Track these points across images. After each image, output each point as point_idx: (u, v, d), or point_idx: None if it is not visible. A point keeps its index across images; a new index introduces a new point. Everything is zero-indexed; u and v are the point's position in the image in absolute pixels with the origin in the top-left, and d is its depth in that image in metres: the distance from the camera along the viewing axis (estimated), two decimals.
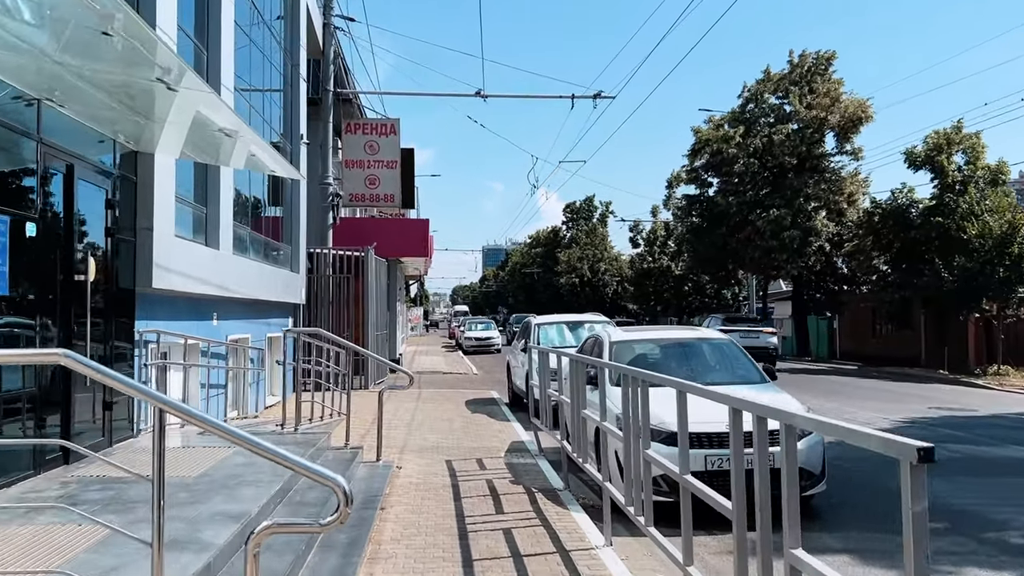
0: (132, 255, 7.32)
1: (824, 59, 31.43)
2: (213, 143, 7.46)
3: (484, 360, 30.04)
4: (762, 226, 28.28)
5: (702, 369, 7.61)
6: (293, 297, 14.67)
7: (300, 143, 15.06)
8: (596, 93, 18.06)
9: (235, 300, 10.82)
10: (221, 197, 9.73)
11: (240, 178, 11.03)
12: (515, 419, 12.24)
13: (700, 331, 8.58)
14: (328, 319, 16.77)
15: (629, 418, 5.05)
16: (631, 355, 7.76)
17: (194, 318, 9.32)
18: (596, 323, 13.67)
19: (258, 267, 11.94)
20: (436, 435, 10.43)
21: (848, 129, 29.12)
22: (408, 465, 8.27)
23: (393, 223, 23.84)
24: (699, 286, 48.68)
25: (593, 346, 8.60)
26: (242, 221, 11.39)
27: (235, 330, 11.04)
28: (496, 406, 13.96)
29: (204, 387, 9.47)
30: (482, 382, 19.91)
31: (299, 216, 15.02)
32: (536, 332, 13.34)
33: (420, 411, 13.02)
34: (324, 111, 17.80)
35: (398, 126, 21.43)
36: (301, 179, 11.09)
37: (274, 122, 13.76)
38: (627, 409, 5.15)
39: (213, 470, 6.00)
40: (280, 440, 7.40)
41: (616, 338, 8.04)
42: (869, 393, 17.83)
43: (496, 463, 8.45)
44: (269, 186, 13.00)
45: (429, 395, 15.68)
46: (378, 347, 18.35)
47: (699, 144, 31.41)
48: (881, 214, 24.22)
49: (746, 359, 7.77)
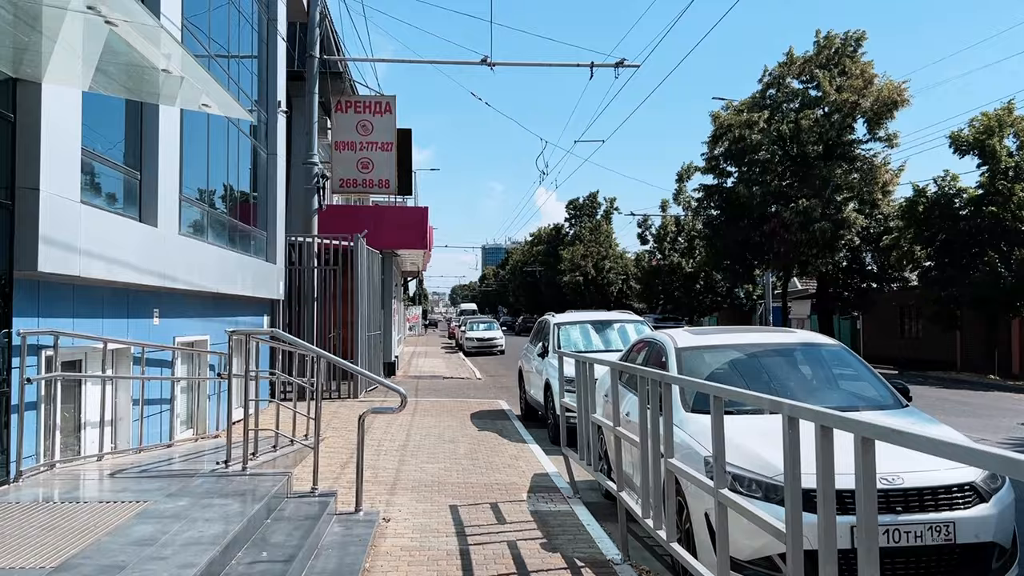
0: (7, 227, 5.17)
1: (853, 39, 29.19)
2: (136, 74, 5.30)
3: (487, 363, 27.89)
4: (789, 218, 26.02)
5: (811, 388, 5.46)
6: (269, 292, 12.52)
7: (277, 112, 12.90)
8: (618, 61, 15.88)
9: (188, 294, 8.69)
10: (162, 159, 7.56)
11: (195, 138, 8.88)
12: (532, 439, 10.09)
13: (798, 333, 6.40)
14: (312, 317, 14.62)
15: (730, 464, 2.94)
16: (708, 367, 5.61)
17: (123, 315, 7.17)
18: (628, 323, 11.50)
19: (220, 254, 9.79)
20: (436, 464, 8.27)
21: (882, 114, 26.87)
22: (399, 515, 6.11)
23: (388, 211, 21.68)
24: (710, 284, 46.50)
25: (648, 355, 6.44)
26: (199, 197, 9.24)
27: (188, 330, 8.88)
28: (507, 421, 11.81)
29: (138, 404, 7.32)
30: (487, 389, 17.77)
31: (276, 197, 12.86)
32: (556, 333, 11.17)
33: (417, 428, 10.87)
34: (309, 80, 15.62)
35: (394, 104, 19.26)
36: (248, 119, 8.92)
37: (245, 83, 11.61)
38: (721, 449, 3.56)
39: (95, 550, 3.84)
40: (216, 489, 5.24)
41: (684, 344, 5.87)
42: (934, 403, 15.42)
43: (518, 511, 6.29)
44: (236, 155, 10.84)
45: (428, 406, 13.53)
46: (371, 349, 16.19)
47: (720, 130, 29.13)
48: (926, 203, 22.04)
49: (869, 372, 5.62)
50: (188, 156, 8.68)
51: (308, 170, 15.68)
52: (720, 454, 3.71)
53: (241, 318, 11.37)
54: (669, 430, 4.25)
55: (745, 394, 4.05)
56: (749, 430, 4.66)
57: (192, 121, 8.94)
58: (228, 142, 10.53)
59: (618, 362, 6.17)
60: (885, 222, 27.89)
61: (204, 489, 5.19)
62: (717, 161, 30.49)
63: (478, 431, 10.69)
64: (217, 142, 10.03)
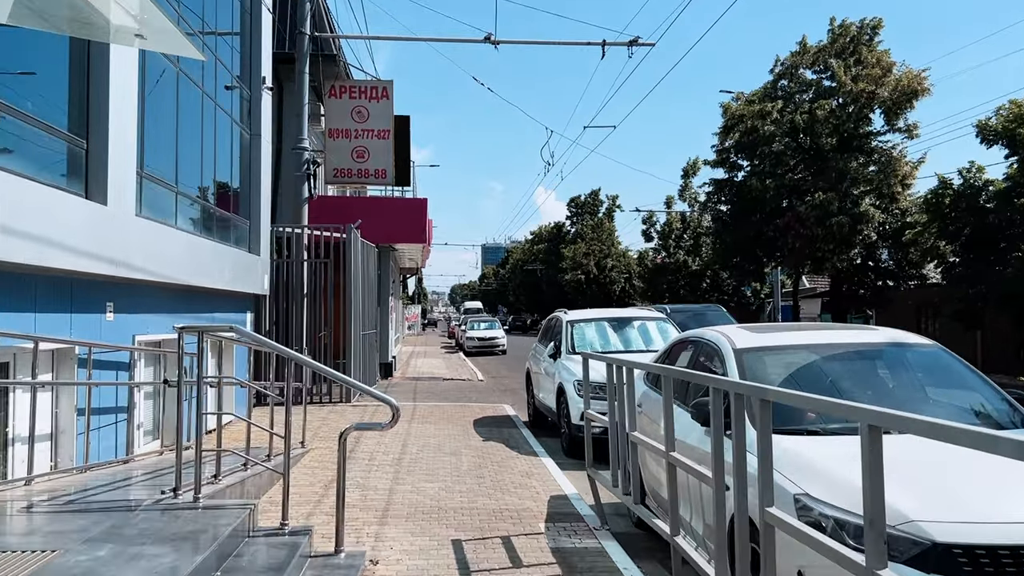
0: None
1: (869, 27, 28.03)
2: None
3: (489, 363, 26.75)
4: (805, 212, 24.83)
5: (908, 400, 4.32)
6: (252, 286, 11.38)
7: (262, 89, 11.75)
8: (632, 39, 14.74)
9: (152, 286, 7.56)
10: (113, 126, 6.41)
11: (161, 109, 7.73)
12: (544, 450, 8.97)
13: (881, 331, 5.21)
14: (301, 315, 13.48)
15: None
16: (776, 374, 4.46)
17: (65, 309, 6.04)
18: (649, 320, 10.34)
19: (191, 241, 8.64)
20: (435, 482, 7.14)
21: (901, 104, 25.70)
22: (391, 554, 4.97)
23: (385, 203, 20.51)
24: (717, 283, 45.34)
25: (693, 357, 5.29)
26: (163, 175, 8.09)
27: (152, 328, 7.74)
28: (514, 428, 10.67)
29: (84, 414, 6.18)
30: (490, 392, 16.63)
31: (261, 182, 11.72)
32: (569, 332, 10.02)
33: (415, 437, 9.74)
34: (300, 59, 14.47)
35: (391, 89, 18.10)
36: (199, 58, 7.71)
37: (224, 56, 10.46)
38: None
39: None
40: (154, 529, 4.09)
41: (745, 344, 4.71)
42: None
43: (535, 548, 5.15)
44: (213, 132, 9.69)
45: (426, 411, 12.39)
46: (366, 349, 15.05)
47: (731, 121, 27.92)
48: (952, 195, 20.89)
49: (980, 380, 4.49)
50: (151, 127, 7.54)
51: (298, 156, 14.54)
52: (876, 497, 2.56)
53: (219, 315, 10.23)
54: (768, 466, 3.08)
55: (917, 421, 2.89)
56: (846, 457, 3.53)
57: (159, 91, 7.81)
58: (203, 117, 9.38)
59: (676, 368, 5.01)
60: (902, 217, 26.72)
61: (139, 530, 4.05)
62: (728, 154, 29.32)
63: (482, 441, 9.56)
64: (189, 115, 8.88)
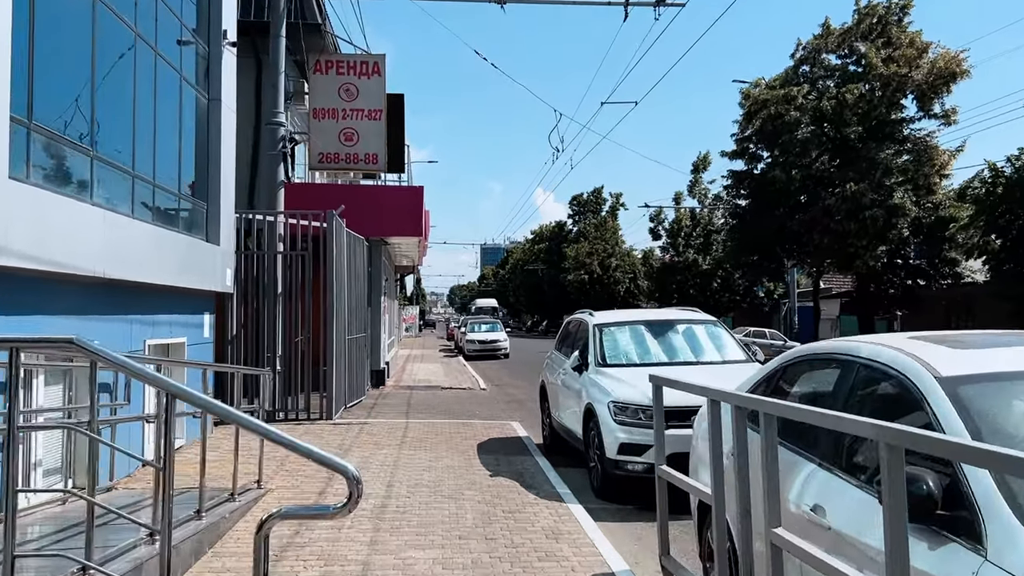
0: None
1: (898, 7, 26.07)
2: None
3: (491, 369, 24.75)
4: (834, 205, 22.85)
5: None
6: (208, 281, 9.40)
7: (223, 46, 9.78)
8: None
9: (45, 276, 5.58)
10: None
11: (65, 32, 5.73)
12: (569, 490, 6.99)
13: None
14: (275, 316, 11.48)
15: None
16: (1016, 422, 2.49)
17: None
18: (696, 323, 8.34)
19: (114, 221, 6.64)
20: (429, 551, 5.14)
21: (937, 87, 23.75)
22: None
23: (376, 191, 18.46)
24: (728, 283, 43.38)
25: (845, 387, 3.29)
26: (66, 129, 6.09)
27: (47, 334, 5.75)
28: (528, 456, 8.68)
29: None
30: (495, 403, 14.63)
31: (221, 157, 9.74)
32: (598, 339, 8.01)
33: (403, 471, 7.74)
34: (276, 20, 12.48)
35: (383, 65, 16.04)
36: None
37: (175, 3, 8.47)
38: None
39: None
40: None
41: (956, 370, 2.71)
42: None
43: None
44: (152, 90, 7.67)
45: (420, 431, 10.40)
46: (353, 355, 13.05)
47: (754, 107, 25.92)
48: (1005, 184, 18.93)
49: None
50: (47, 62, 5.57)
51: (273, 132, 12.55)
52: None
53: (163, 316, 8.25)
54: None
55: None
56: None
57: (65, 20, 5.84)
58: (137, 66, 7.38)
59: (893, 427, 2.96)
60: (935, 211, 24.78)
61: None
62: (747, 144, 27.34)
63: (490, 476, 7.56)
64: (115, 61, 6.88)
